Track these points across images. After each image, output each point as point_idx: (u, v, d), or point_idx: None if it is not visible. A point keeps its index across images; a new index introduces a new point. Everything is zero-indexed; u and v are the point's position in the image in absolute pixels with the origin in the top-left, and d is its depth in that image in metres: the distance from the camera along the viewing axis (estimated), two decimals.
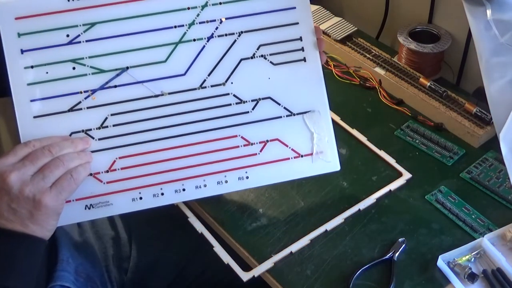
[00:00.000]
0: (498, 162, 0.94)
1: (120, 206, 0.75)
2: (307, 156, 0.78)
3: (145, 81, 0.75)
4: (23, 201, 0.66)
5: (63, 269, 0.80)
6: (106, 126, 0.74)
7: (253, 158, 0.77)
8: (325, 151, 0.78)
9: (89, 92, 0.74)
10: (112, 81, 0.74)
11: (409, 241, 0.83)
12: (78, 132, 0.74)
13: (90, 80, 0.74)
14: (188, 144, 0.76)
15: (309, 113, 0.77)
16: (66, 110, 0.74)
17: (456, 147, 0.97)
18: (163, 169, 0.75)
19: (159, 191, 0.75)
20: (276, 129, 0.77)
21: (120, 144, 0.75)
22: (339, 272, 0.79)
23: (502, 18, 0.78)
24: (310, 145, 0.78)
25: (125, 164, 0.75)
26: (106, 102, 0.74)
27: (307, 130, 0.78)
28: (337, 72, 1.12)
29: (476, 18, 0.80)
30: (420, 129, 1.00)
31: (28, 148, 0.69)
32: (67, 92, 0.73)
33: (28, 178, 0.67)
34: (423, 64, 1.09)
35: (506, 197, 0.88)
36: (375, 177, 0.92)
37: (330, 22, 1.19)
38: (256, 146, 0.77)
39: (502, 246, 0.82)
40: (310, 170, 0.79)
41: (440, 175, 0.93)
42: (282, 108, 0.77)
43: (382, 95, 1.07)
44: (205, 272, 0.96)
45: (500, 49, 0.80)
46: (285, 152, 0.78)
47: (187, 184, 0.76)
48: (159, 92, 0.75)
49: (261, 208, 0.88)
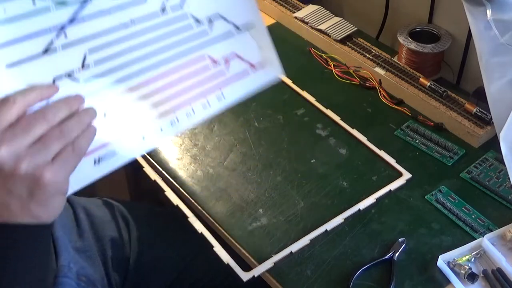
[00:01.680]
0: (498, 162, 0.94)
1: (126, 151, 0.72)
2: (260, 65, 0.82)
3: (112, 9, 0.72)
4: (19, 180, 0.55)
5: (64, 275, 0.76)
6: (88, 66, 0.70)
7: (224, 78, 0.80)
8: (271, 59, 0.83)
9: (58, 28, 0.69)
10: (79, 14, 0.70)
11: (409, 241, 0.83)
12: (61, 76, 0.68)
13: (56, 15, 0.68)
14: (167, 73, 0.76)
15: (253, 29, 0.82)
16: (40, 52, 0.67)
17: (456, 147, 0.97)
18: (155, 104, 0.75)
19: (158, 127, 0.74)
20: (232, 46, 0.80)
21: (107, 84, 0.71)
22: (339, 272, 0.79)
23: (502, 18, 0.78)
24: (260, 55, 0.82)
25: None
26: (80, 37, 0.70)
27: (255, 43, 0.82)
28: (337, 72, 1.12)
29: (476, 18, 0.80)
30: (420, 129, 1.00)
31: (9, 107, 0.56)
32: (34, 31, 0.67)
33: (23, 151, 0.55)
34: (423, 64, 1.09)
35: (506, 197, 0.88)
36: (375, 177, 0.92)
37: (330, 22, 1.19)
38: (222, 66, 0.79)
39: (502, 246, 0.82)
40: (265, 77, 0.83)
41: (440, 175, 0.93)
42: (232, 25, 0.80)
43: (382, 95, 1.07)
44: (205, 273, 0.96)
45: (500, 49, 0.80)
46: (245, 66, 0.81)
47: (179, 114, 0.76)
48: (128, 21, 0.74)
49: (261, 208, 0.88)
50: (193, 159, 0.96)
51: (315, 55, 1.16)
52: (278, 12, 1.26)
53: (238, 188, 0.91)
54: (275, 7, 1.26)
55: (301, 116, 1.04)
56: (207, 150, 0.98)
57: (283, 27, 1.25)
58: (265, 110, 1.05)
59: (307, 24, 1.20)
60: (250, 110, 1.05)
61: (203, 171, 0.94)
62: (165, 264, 0.95)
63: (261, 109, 1.05)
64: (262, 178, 0.93)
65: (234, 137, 1.00)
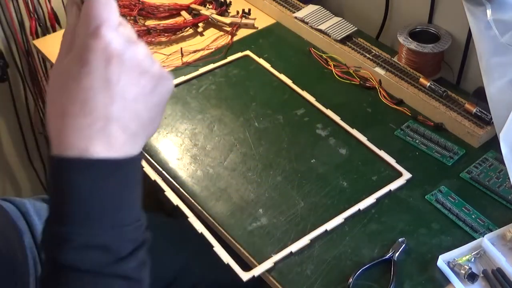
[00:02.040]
0: (498, 162, 0.94)
1: None
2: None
3: None
4: (152, 76, 0.51)
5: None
6: None
7: None
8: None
9: None
10: None
11: (409, 241, 0.83)
12: None
13: None
14: None
15: None
16: None
17: (456, 147, 0.97)
18: None
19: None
20: None
21: None
22: (339, 272, 0.79)
23: (502, 18, 0.78)
24: None
25: None
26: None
27: None
28: (337, 72, 1.12)
29: (476, 18, 0.80)
30: (420, 129, 1.00)
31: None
32: None
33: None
34: (423, 64, 1.09)
35: (506, 197, 0.88)
36: (375, 177, 0.92)
37: (330, 22, 1.19)
38: None
39: (502, 246, 0.82)
40: None
41: (440, 175, 0.93)
42: None
43: (382, 95, 1.07)
44: (205, 273, 0.96)
45: (500, 49, 0.80)
46: None
47: None
48: None
49: (261, 208, 0.88)
50: (193, 159, 0.96)
51: (315, 55, 1.16)
52: (278, 12, 1.26)
53: (238, 188, 0.91)
54: (275, 7, 1.26)
55: (301, 116, 1.04)
56: (207, 150, 0.98)
57: (283, 27, 1.25)
58: (265, 110, 1.05)
59: (307, 24, 1.20)
60: (250, 110, 1.05)
61: (203, 171, 0.94)
62: (164, 265, 0.95)
63: (261, 109, 1.06)
64: (262, 178, 0.93)
65: (234, 137, 1.00)
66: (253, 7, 1.30)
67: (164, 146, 0.99)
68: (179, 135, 1.01)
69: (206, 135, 1.01)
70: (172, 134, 1.01)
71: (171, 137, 1.00)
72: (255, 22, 1.25)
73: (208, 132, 1.01)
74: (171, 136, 1.01)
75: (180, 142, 1.00)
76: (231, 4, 1.30)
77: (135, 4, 1.26)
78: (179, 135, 1.01)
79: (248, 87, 1.11)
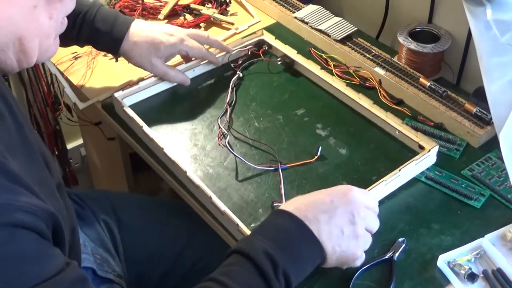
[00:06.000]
0: (501, 162, 0.93)
1: None
2: None
3: None
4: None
5: (84, 252, 0.83)
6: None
7: None
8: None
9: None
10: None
11: (409, 241, 0.83)
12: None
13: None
14: None
15: None
16: None
17: (458, 139, 0.98)
18: None
19: None
20: None
21: None
22: (339, 272, 0.79)
23: (502, 18, 0.78)
24: None
25: None
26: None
27: None
28: (337, 72, 1.11)
29: (476, 18, 0.80)
30: (419, 126, 1.00)
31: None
32: None
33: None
34: (423, 64, 1.09)
35: (506, 196, 0.88)
36: (375, 177, 0.92)
37: (330, 22, 1.19)
38: None
39: (502, 246, 0.82)
40: None
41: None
42: None
43: (382, 95, 1.07)
44: (201, 259, 0.98)
45: (500, 49, 0.80)
46: None
47: None
48: None
49: (261, 208, 0.88)
50: (193, 159, 0.96)
51: (315, 55, 1.16)
52: (278, 12, 1.26)
53: (238, 188, 0.91)
54: (275, 7, 1.26)
55: (301, 116, 1.04)
56: (207, 150, 0.98)
57: (283, 27, 1.25)
58: (265, 110, 1.05)
59: (307, 24, 1.20)
60: (250, 110, 1.05)
61: (203, 171, 0.94)
62: (160, 252, 0.98)
63: (261, 109, 1.05)
64: (262, 178, 0.93)
65: (234, 137, 1.00)
66: (253, 7, 1.30)
67: (164, 146, 0.98)
68: (179, 135, 1.01)
69: (206, 135, 1.01)
70: (172, 134, 1.01)
71: (171, 137, 1.00)
72: (256, 23, 1.26)
73: (208, 132, 1.01)
74: (171, 136, 1.01)
75: (180, 142, 1.00)
76: (231, 3, 1.30)
77: (137, 4, 1.26)
78: (179, 135, 1.01)
79: (248, 87, 1.11)
